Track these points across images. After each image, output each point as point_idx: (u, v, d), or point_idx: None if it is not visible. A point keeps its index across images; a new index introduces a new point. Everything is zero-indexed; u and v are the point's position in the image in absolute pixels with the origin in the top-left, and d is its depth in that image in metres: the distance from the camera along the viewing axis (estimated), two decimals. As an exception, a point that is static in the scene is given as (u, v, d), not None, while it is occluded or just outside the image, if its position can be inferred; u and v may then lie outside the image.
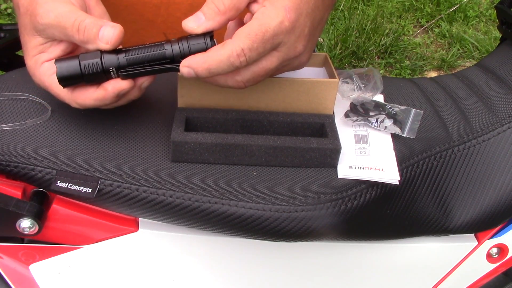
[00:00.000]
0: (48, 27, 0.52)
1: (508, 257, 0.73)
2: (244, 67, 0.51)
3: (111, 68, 0.52)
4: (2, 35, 0.76)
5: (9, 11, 2.29)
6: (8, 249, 0.61)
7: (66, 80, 0.52)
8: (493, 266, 0.73)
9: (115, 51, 0.52)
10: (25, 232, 0.56)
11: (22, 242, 0.62)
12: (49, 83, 0.54)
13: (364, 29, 2.38)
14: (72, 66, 0.52)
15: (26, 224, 0.55)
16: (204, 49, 0.51)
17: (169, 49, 0.52)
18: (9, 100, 0.60)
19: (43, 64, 0.54)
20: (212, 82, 0.53)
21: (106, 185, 0.55)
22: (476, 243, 0.70)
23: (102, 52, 0.52)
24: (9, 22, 2.27)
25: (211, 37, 0.51)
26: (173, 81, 0.59)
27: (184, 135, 0.56)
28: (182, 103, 0.60)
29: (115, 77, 0.53)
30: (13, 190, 0.56)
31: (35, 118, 0.58)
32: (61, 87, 0.53)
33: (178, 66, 0.52)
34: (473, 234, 0.71)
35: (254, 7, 0.52)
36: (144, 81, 0.54)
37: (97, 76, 0.52)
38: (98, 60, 0.52)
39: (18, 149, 0.55)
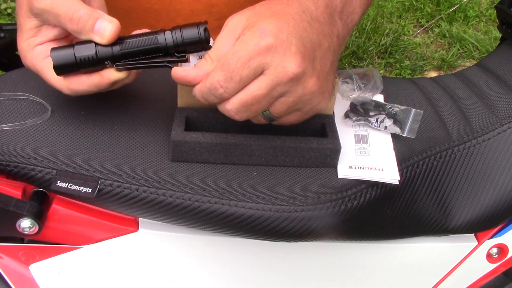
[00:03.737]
0: (43, 11, 0.51)
1: (508, 257, 0.73)
2: (231, 96, 0.50)
3: (106, 62, 0.52)
4: (2, 35, 0.76)
5: (9, 11, 2.29)
6: (8, 249, 0.61)
7: (61, 69, 0.53)
8: (493, 266, 0.73)
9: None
10: (25, 232, 0.56)
11: (22, 242, 0.62)
12: (41, 67, 0.54)
13: (364, 29, 2.38)
14: (67, 57, 0.52)
15: (26, 224, 0.55)
16: (197, 39, 0.52)
17: (163, 41, 0.52)
18: (9, 100, 0.60)
19: (35, 47, 0.54)
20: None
21: (106, 185, 0.55)
22: (476, 243, 0.70)
23: (97, 44, 0.52)
24: (9, 22, 2.27)
25: (205, 28, 0.52)
26: (173, 81, 0.59)
27: (184, 135, 0.56)
28: (182, 103, 0.60)
29: (110, 68, 0.53)
30: (13, 190, 0.56)
31: (35, 118, 0.58)
32: (53, 72, 0.53)
33: (173, 60, 0.53)
34: (473, 234, 0.71)
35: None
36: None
37: (92, 67, 0.53)
38: (93, 53, 0.52)
39: (18, 149, 0.55)
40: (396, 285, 0.72)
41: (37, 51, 0.54)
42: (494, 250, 0.72)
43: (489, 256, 0.72)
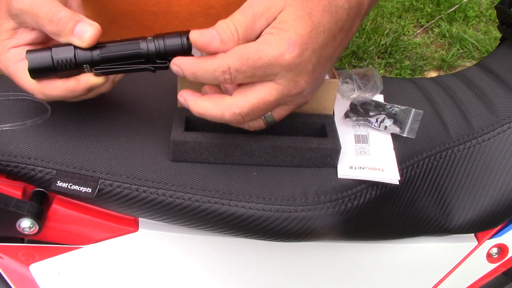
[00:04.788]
0: (21, 12, 0.50)
1: (508, 257, 0.73)
2: (240, 97, 0.49)
3: (84, 65, 0.51)
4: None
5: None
6: (8, 249, 0.61)
7: (37, 73, 0.51)
8: (493, 266, 0.73)
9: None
10: (25, 232, 0.56)
11: (22, 242, 0.62)
12: (13, 70, 0.52)
13: (364, 29, 2.38)
14: (44, 59, 0.50)
15: (26, 224, 0.55)
16: (180, 49, 0.51)
17: (145, 47, 0.51)
18: (9, 100, 0.60)
19: (10, 50, 0.52)
20: (207, 117, 0.51)
21: (106, 185, 0.55)
22: (476, 243, 0.70)
23: (76, 47, 0.50)
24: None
25: (187, 38, 0.50)
26: (173, 81, 0.59)
27: (184, 135, 0.56)
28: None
29: (87, 72, 0.52)
30: (13, 190, 0.56)
31: (35, 118, 0.58)
32: (26, 76, 0.51)
33: (154, 67, 0.51)
34: (473, 234, 0.71)
35: (263, 31, 0.50)
36: (117, 75, 0.53)
37: (69, 71, 0.51)
38: (72, 56, 0.50)
39: (18, 149, 0.55)
40: (396, 285, 0.72)
41: (11, 54, 0.52)
42: (494, 250, 0.72)
43: (489, 256, 0.72)
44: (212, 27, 0.49)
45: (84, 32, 0.50)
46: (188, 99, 0.51)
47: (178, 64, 0.49)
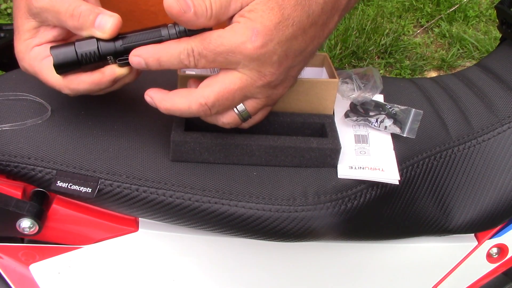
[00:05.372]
0: (42, 10, 0.51)
1: (508, 257, 0.73)
2: (205, 88, 0.50)
3: (108, 57, 0.51)
4: (2, 35, 0.76)
5: (9, 11, 2.29)
6: (8, 249, 0.61)
7: (62, 68, 0.52)
8: (493, 266, 0.73)
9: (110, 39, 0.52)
10: (25, 232, 0.56)
11: (22, 242, 0.62)
12: (39, 68, 0.53)
13: (364, 29, 2.38)
14: (68, 53, 0.51)
15: (26, 224, 0.55)
16: (202, 29, 0.51)
17: (166, 34, 0.51)
18: (9, 100, 0.60)
19: (33, 49, 0.53)
20: (176, 112, 0.51)
21: (106, 185, 0.55)
22: (476, 243, 0.70)
23: (98, 39, 0.51)
24: (9, 22, 2.27)
25: None
26: (173, 81, 0.59)
27: (184, 135, 0.56)
28: None
29: (112, 64, 0.52)
30: (13, 190, 0.56)
31: (35, 118, 0.58)
32: (52, 73, 0.52)
33: None
34: (473, 234, 0.71)
35: (233, 19, 0.50)
36: None
37: (94, 64, 0.52)
38: (95, 48, 0.51)
39: (18, 149, 0.55)
40: (396, 285, 0.72)
41: (35, 52, 0.53)
42: (494, 250, 0.72)
43: (489, 256, 0.72)
44: None
45: (105, 23, 0.50)
46: (154, 96, 0.52)
47: (139, 54, 0.49)
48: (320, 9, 0.50)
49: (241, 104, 0.52)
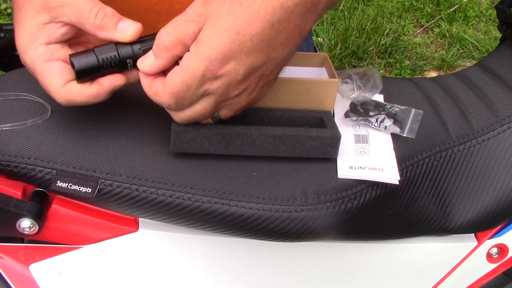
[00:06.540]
0: (62, 5, 0.51)
1: (508, 257, 0.73)
2: (180, 112, 0.53)
3: (128, 61, 0.53)
4: (2, 35, 0.76)
5: (9, 11, 2.29)
6: (8, 249, 0.61)
7: (83, 74, 0.52)
8: (493, 266, 0.73)
9: (128, 42, 0.53)
10: (25, 232, 0.56)
11: (22, 242, 0.62)
12: (40, 70, 0.53)
13: (364, 29, 2.38)
14: (89, 59, 0.52)
15: (26, 224, 0.55)
16: None
17: None
18: (9, 100, 0.60)
19: (40, 47, 0.53)
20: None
21: (106, 185, 0.55)
22: (476, 243, 0.70)
23: (117, 44, 0.52)
24: (9, 22, 2.27)
25: None
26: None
27: (185, 125, 0.56)
28: None
29: (131, 69, 0.54)
30: (13, 190, 0.56)
31: (35, 118, 0.58)
32: (52, 78, 0.52)
33: None
34: (473, 234, 0.71)
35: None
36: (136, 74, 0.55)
37: (113, 69, 0.53)
38: (115, 53, 0.52)
39: (18, 149, 0.55)
40: (396, 285, 0.72)
41: (40, 51, 0.53)
42: (494, 250, 0.72)
43: (489, 256, 0.72)
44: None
45: (128, 27, 0.52)
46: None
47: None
48: (286, 15, 0.48)
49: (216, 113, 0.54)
